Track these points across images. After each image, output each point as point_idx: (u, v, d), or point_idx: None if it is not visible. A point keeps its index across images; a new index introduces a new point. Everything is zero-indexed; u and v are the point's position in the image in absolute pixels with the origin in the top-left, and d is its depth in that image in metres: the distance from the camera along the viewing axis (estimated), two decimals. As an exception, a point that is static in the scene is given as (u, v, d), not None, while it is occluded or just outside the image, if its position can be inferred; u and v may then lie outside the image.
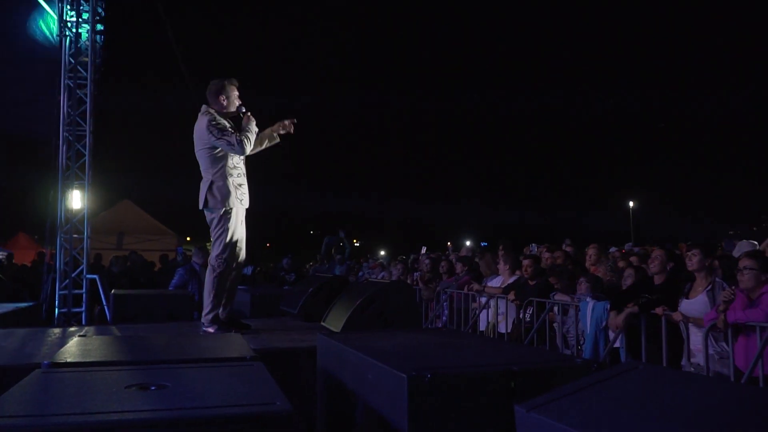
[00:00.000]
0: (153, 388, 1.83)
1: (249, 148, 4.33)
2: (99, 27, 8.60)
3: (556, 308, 5.67)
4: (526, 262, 6.27)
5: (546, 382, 2.24)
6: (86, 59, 8.57)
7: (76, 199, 8.40)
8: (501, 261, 6.95)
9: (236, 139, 4.21)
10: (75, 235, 8.34)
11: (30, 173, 10.23)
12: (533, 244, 8.68)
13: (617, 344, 5.00)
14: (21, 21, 8.91)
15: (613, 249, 8.92)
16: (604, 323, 5.00)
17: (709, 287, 4.56)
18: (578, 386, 2.01)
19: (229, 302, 4.51)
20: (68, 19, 8.41)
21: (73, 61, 8.47)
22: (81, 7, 8.49)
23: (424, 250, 11.09)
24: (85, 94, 8.53)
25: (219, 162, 4.28)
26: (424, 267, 9.18)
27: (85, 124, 8.48)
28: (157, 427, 1.50)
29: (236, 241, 4.37)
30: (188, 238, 20.82)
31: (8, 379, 2.88)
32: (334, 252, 13.70)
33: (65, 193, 8.30)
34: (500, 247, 8.47)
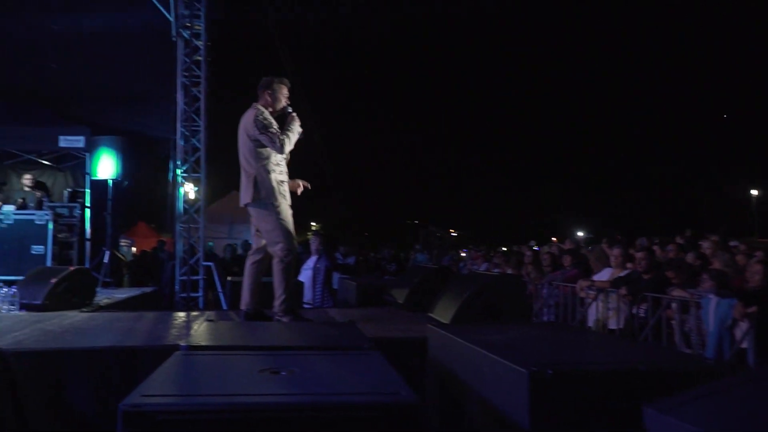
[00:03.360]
0: (283, 373, 1.92)
1: (288, 148, 4.41)
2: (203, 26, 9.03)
3: (673, 304, 5.38)
4: (639, 254, 5.98)
5: (675, 384, 2.13)
6: (199, 58, 9.06)
7: (192, 191, 8.94)
8: (610, 253, 6.67)
9: (278, 137, 4.30)
10: (191, 225, 8.88)
11: (148, 167, 10.94)
12: (642, 238, 8.26)
13: (744, 344, 4.67)
14: (137, 23, 9.52)
15: (734, 243, 8.31)
16: (729, 322, 4.68)
17: None
18: (712, 389, 1.90)
19: (256, 297, 4.51)
20: (183, 20, 8.90)
21: (188, 60, 8.98)
22: (193, 8, 8.97)
23: (532, 243, 10.87)
24: (199, 92, 9.03)
25: (263, 157, 4.34)
26: (527, 259, 9.01)
27: (199, 119, 8.98)
28: (293, 411, 1.57)
29: (291, 230, 4.43)
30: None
31: (147, 359, 3.13)
32: (433, 243, 13.72)
33: (182, 185, 8.86)
34: (604, 240, 8.15)
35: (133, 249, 17.00)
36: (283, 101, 4.52)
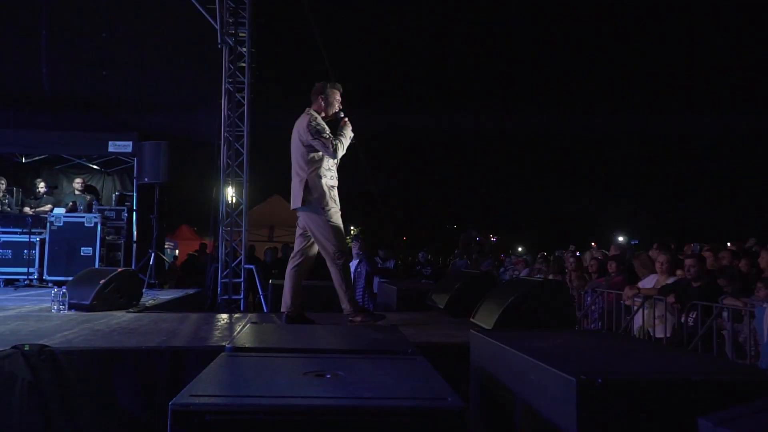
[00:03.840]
0: (328, 376, 1.92)
1: (341, 153, 4.44)
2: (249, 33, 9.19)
3: (725, 313, 5.19)
4: (689, 261, 5.79)
5: (730, 396, 2.05)
6: (243, 64, 9.22)
7: (234, 195, 9.09)
8: (657, 259, 6.50)
9: (331, 142, 4.33)
10: (234, 228, 9.02)
11: (191, 171, 11.18)
12: (695, 243, 8.02)
13: (800, 356, 4.48)
14: (184, 30, 9.73)
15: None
16: (784, 332, 4.50)
17: None
18: (773, 402, 1.82)
19: (298, 300, 4.55)
20: (228, 27, 9.08)
21: (232, 67, 9.14)
22: (238, 16, 9.14)
23: (573, 248, 10.68)
24: (243, 97, 9.18)
25: (315, 162, 4.38)
26: (569, 265, 8.84)
27: (243, 125, 9.13)
28: (339, 414, 1.57)
29: (342, 233, 4.46)
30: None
31: (191, 359, 3.18)
32: (472, 248, 13.61)
33: (225, 189, 9.01)
34: (655, 246, 7.93)
35: (177, 251, 17.41)
36: (336, 106, 4.58)
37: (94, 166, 11.25)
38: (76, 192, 9.93)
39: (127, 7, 9.73)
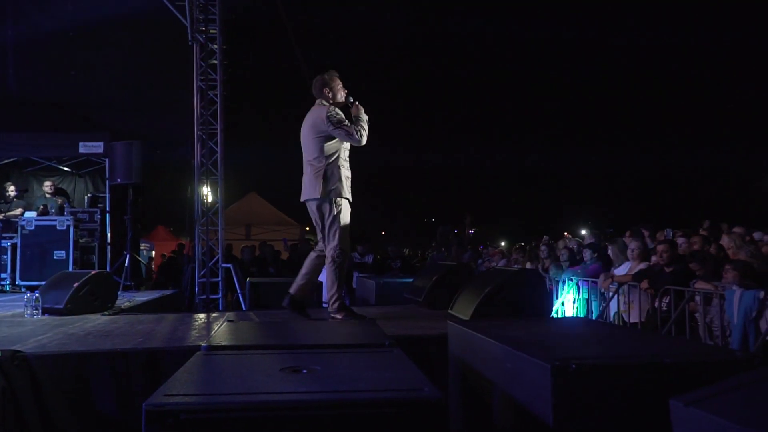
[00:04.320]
0: (305, 371, 1.91)
1: (365, 140, 4.41)
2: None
3: (697, 297, 5.30)
4: (661, 247, 5.90)
5: (702, 377, 2.09)
6: (215, 62, 9.12)
7: (210, 193, 9.00)
8: (630, 246, 6.60)
9: (355, 129, 4.31)
10: (210, 227, 8.94)
11: (165, 171, 11.07)
12: (668, 229, 8.15)
13: (770, 336, 4.59)
14: (153, 28, 9.60)
15: (758, 234, 8.16)
16: (754, 314, 4.61)
17: None
18: (742, 381, 1.86)
19: (309, 290, 4.62)
20: (198, 24, 8.96)
21: (204, 64, 9.03)
22: (208, 13, 9.03)
23: (546, 238, 10.79)
24: (215, 95, 9.08)
25: (332, 153, 4.37)
26: (542, 254, 8.94)
27: (216, 122, 9.04)
28: (316, 408, 1.56)
29: (349, 231, 4.46)
30: (307, 228, 21.59)
31: (168, 360, 3.15)
32: (450, 241, 13.64)
33: (200, 188, 8.92)
34: (627, 233, 8.06)
35: (153, 252, 17.21)
36: (342, 92, 4.53)
37: (65, 168, 11.06)
38: (47, 195, 9.76)
39: (94, 6, 9.55)
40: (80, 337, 3.82)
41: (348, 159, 4.51)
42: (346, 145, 4.47)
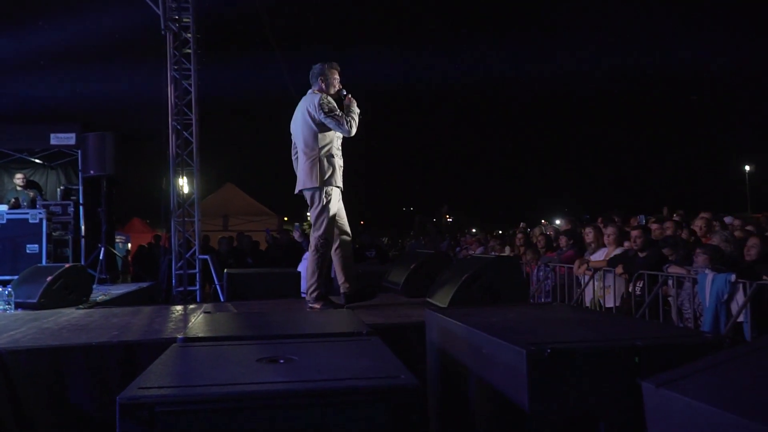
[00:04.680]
0: (281, 361, 1.91)
1: (354, 130, 4.42)
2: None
3: (670, 281, 5.40)
4: (635, 233, 5.99)
5: (673, 358, 2.13)
6: (188, 50, 8.98)
7: (186, 185, 8.91)
8: (605, 232, 6.69)
9: (345, 119, 4.33)
10: (186, 219, 8.86)
11: (141, 162, 10.92)
12: (641, 215, 8.28)
13: (741, 318, 4.70)
14: (125, 17, 9.43)
15: (728, 218, 8.34)
16: (725, 296, 4.71)
17: None
18: (711, 362, 1.90)
19: (351, 277, 4.59)
20: (171, 13, 8.82)
21: (177, 54, 8.90)
22: (181, 1, 8.88)
23: (523, 226, 10.89)
24: (190, 84, 8.96)
25: (326, 141, 4.39)
26: (518, 241, 9.03)
27: (191, 112, 8.93)
28: (292, 398, 1.56)
29: (336, 220, 4.47)
30: (285, 218, 21.50)
31: (145, 352, 3.12)
32: (428, 230, 13.70)
33: (176, 179, 8.82)
34: (599, 220, 8.16)
35: (129, 245, 17.01)
36: (336, 85, 4.55)
37: (37, 160, 10.85)
38: (18, 188, 9.56)
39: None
40: (54, 332, 3.77)
41: (340, 148, 4.54)
42: (339, 134, 4.49)
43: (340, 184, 4.45)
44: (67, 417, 3.15)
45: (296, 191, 4.55)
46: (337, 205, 4.46)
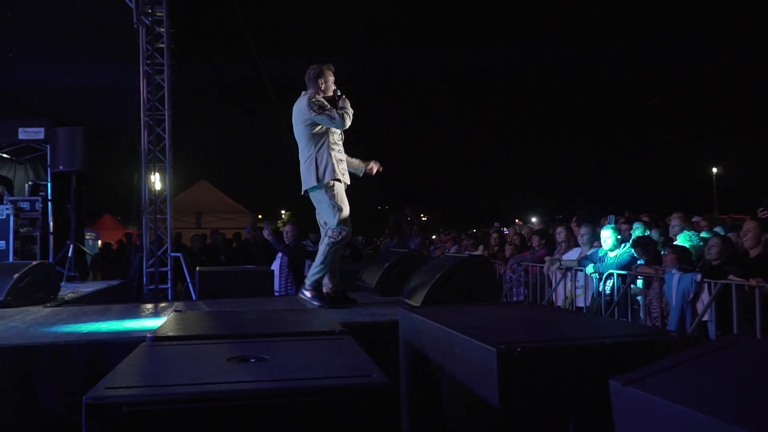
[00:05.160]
0: (252, 360, 1.90)
1: (348, 122, 4.46)
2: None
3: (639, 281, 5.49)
4: (605, 233, 6.09)
5: (641, 357, 2.17)
6: (162, 45, 8.86)
7: (158, 181, 8.79)
8: (577, 232, 6.79)
9: (336, 112, 4.37)
10: (158, 216, 8.74)
11: (112, 158, 10.74)
12: (611, 216, 8.41)
13: (706, 318, 4.80)
14: (97, 10, 9.26)
15: (697, 218, 8.51)
16: (691, 296, 4.81)
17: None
18: (677, 360, 1.94)
19: (335, 278, 4.60)
20: (144, 6, 8.68)
21: (150, 48, 8.77)
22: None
23: (498, 225, 10.97)
24: (163, 80, 8.84)
25: (320, 138, 4.42)
26: (492, 241, 9.10)
27: (164, 108, 8.80)
28: (262, 397, 1.56)
29: (348, 213, 4.49)
30: (260, 216, 21.35)
31: (114, 352, 3.08)
32: (403, 228, 13.68)
33: (148, 176, 8.69)
34: (573, 219, 8.27)
35: (99, 242, 16.72)
36: (332, 87, 4.59)
37: (4, 155, 10.59)
38: (-16, 183, 9.34)
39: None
40: (21, 330, 3.69)
41: (339, 143, 4.56)
42: (335, 129, 4.51)
43: (340, 177, 4.46)
44: (34, 417, 3.08)
45: (302, 193, 4.58)
46: (343, 197, 4.48)
